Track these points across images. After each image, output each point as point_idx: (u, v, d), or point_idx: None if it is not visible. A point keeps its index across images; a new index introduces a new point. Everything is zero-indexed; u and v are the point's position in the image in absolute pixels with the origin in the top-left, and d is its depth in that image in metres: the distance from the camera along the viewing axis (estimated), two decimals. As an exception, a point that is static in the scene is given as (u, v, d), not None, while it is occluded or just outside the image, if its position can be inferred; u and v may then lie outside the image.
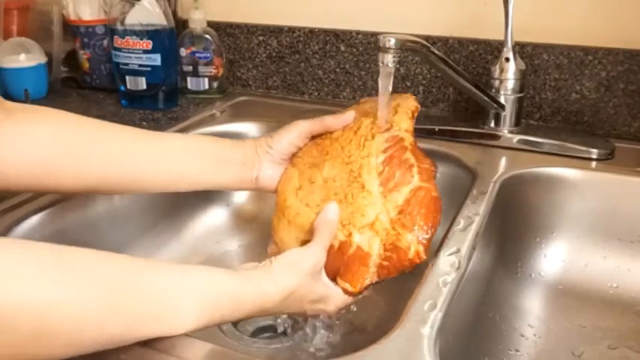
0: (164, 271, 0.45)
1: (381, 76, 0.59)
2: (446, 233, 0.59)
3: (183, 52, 1.00)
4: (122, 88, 0.97)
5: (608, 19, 0.83)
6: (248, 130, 0.91)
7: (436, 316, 0.47)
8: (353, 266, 0.54)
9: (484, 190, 0.68)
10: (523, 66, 0.79)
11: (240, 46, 1.06)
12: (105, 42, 1.02)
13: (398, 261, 0.53)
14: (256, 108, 1.00)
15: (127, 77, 0.95)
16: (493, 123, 0.82)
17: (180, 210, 0.84)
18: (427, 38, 0.87)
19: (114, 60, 0.95)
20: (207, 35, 0.99)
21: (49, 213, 0.65)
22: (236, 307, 0.47)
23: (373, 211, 0.54)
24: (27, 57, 0.98)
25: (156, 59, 0.93)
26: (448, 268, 0.53)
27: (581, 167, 0.74)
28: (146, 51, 0.93)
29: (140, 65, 0.94)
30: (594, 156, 0.76)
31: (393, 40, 0.59)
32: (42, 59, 1.00)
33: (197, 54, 1.00)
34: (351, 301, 0.57)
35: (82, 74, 1.07)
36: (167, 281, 0.44)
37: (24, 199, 0.65)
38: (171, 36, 0.95)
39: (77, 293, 0.38)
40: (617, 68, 0.83)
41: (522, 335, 0.66)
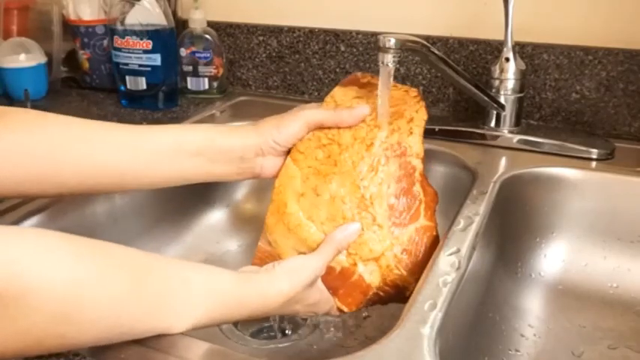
0: (176, 266, 0.46)
1: (381, 76, 0.59)
2: (446, 233, 0.59)
3: (183, 52, 1.00)
4: (122, 88, 0.97)
5: (608, 19, 0.83)
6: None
7: (436, 316, 0.47)
8: (353, 292, 0.56)
9: (484, 190, 0.68)
10: (523, 66, 0.79)
11: (240, 46, 1.06)
12: (105, 42, 1.02)
13: (395, 295, 0.57)
14: (256, 108, 1.00)
15: (127, 77, 0.95)
16: (493, 123, 0.82)
17: (180, 210, 0.84)
18: (427, 38, 0.87)
19: (114, 60, 0.95)
20: (207, 35, 0.99)
21: (49, 213, 0.65)
22: (238, 309, 0.48)
23: (380, 247, 0.55)
24: (27, 57, 0.98)
25: (156, 59, 0.93)
26: (448, 268, 0.53)
27: (581, 167, 0.74)
28: (146, 51, 0.93)
29: (140, 65, 0.94)
30: (594, 156, 0.76)
31: (393, 40, 0.59)
32: (42, 59, 1.00)
33: (197, 54, 1.00)
34: (338, 314, 0.58)
35: (82, 74, 1.07)
36: (179, 276, 0.45)
37: (24, 199, 0.65)
38: (171, 36, 0.95)
39: (101, 278, 0.39)
40: (617, 68, 0.83)
41: (522, 335, 0.66)
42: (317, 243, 0.56)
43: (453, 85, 0.92)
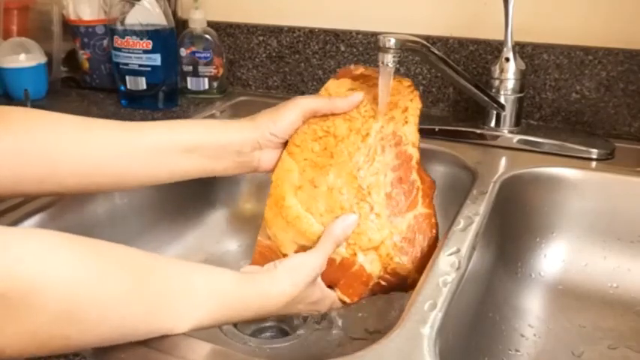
0: (178, 267, 0.46)
1: (381, 76, 0.59)
2: (446, 233, 0.59)
3: (183, 52, 1.00)
4: (122, 88, 0.97)
5: (608, 19, 0.83)
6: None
7: (436, 316, 0.47)
8: (354, 283, 0.56)
9: (484, 190, 0.68)
10: (523, 66, 0.79)
11: (240, 46, 1.06)
12: (105, 42, 1.02)
13: (396, 284, 0.57)
14: (256, 108, 0.98)
15: (127, 77, 0.95)
16: (493, 123, 0.82)
17: (180, 210, 0.84)
18: (427, 38, 0.87)
19: (114, 60, 0.95)
20: (207, 35, 0.99)
21: (49, 213, 0.65)
22: (240, 310, 0.48)
23: (379, 236, 0.55)
24: (27, 57, 0.98)
25: (156, 59, 0.93)
26: (448, 268, 0.53)
27: (581, 167, 0.74)
28: (146, 51, 0.93)
29: (140, 65, 0.94)
30: (594, 156, 0.76)
31: (393, 40, 0.59)
32: (42, 59, 1.00)
33: (197, 54, 1.00)
34: (341, 305, 0.58)
35: (82, 74, 1.07)
36: (181, 277, 0.45)
37: (24, 199, 0.65)
38: (171, 36, 0.95)
39: (104, 278, 0.40)
40: (617, 68, 0.83)
41: (522, 335, 0.66)
42: (316, 235, 0.55)
43: (453, 85, 0.92)
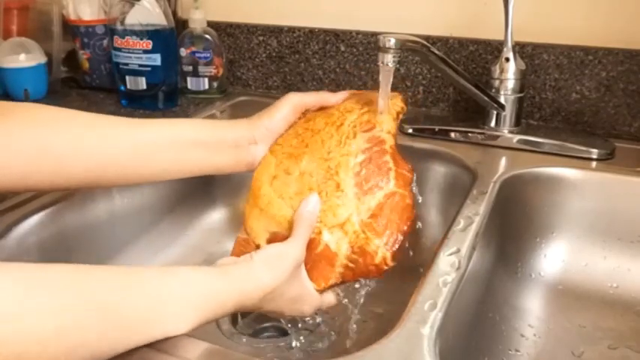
0: (143, 279, 0.43)
1: (381, 76, 0.59)
2: (446, 233, 0.59)
3: (183, 52, 1.00)
4: (122, 88, 0.97)
5: (608, 19, 0.83)
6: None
7: (436, 316, 0.47)
8: (319, 265, 0.53)
9: (484, 190, 0.68)
10: (523, 66, 0.79)
11: (240, 46, 1.06)
12: (105, 42, 1.02)
13: (364, 265, 0.53)
14: (256, 108, 0.98)
15: (127, 77, 0.95)
16: (493, 123, 0.82)
17: (180, 210, 0.84)
18: (427, 38, 0.87)
19: (114, 60, 0.95)
20: (207, 35, 0.99)
21: (49, 213, 0.65)
22: (217, 307, 0.46)
23: (345, 212, 0.53)
24: (27, 57, 0.98)
25: (156, 59, 0.93)
26: (448, 268, 0.53)
27: (581, 167, 0.74)
28: (146, 51, 0.93)
29: (140, 65, 0.94)
30: (594, 156, 0.76)
31: (393, 40, 0.59)
32: (42, 59, 1.00)
33: (197, 54, 1.00)
34: (327, 305, 0.56)
35: (82, 74, 1.06)
36: (148, 290, 0.43)
37: (24, 199, 0.65)
38: (171, 36, 0.95)
39: (54, 307, 0.38)
40: (617, 68, 0.83)
41: (522, 335, 0.66)
42: (285, 218, 0.55)
43: (453, 85, 0.92)
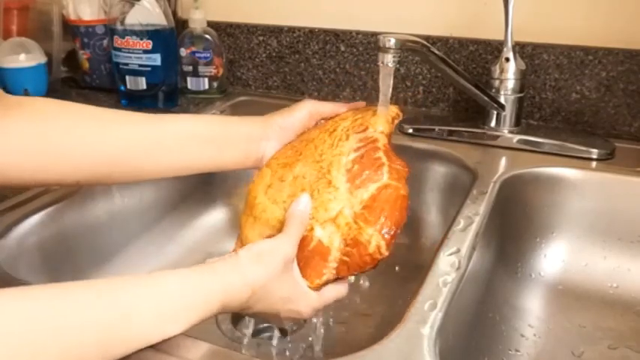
0: (116, 292, 0.41)
1: (381, 76, 0.59)
2: (446, 233, 0.59)
3: (183, 52, 1.00)
4: (122, 88, 0.97)
5: (608, 19, 0.83)
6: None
7: (436, 316, 0.47)
8: (312, 261, 0.52)
9: (484, 190, 0.68)
10: (523, 66, 0.79)
11: (240, 46, 1.06)
12: (105, 42, 1.02)
13: (358, 256, 0.51)
14: (256, 108, 1.00)
15: (127, 77, 0.95)
16: (493, 123, 0.82)
17: (180, 210, 0.84)
18: (427, 38, 0.87)
19: (114, 60, 0.95)
20: (207, 35, 0.99)
21: (49, 213, 0.65)
22: (204, 308, 0.44)
23: (337, 206, 0.52)
24: (27, 57, 0.98)
25: (156, 59, 0.93)
26: (448, 268, 0.53)
27: (581, 167, 0.74)
28: (146, 51, 0.93)
29: (140, 65, 0.94)
30: (594, 156, 0.76)
31: (393, 40, 0.59)
32: (42, 59, 1.00)
33: (197, 54, 1.00)
34: (327, 303, 0.53)
35: (82, 74, 1.07)
36: (118, 302, 0.41)
37: (24, 199, 0.65)
38: (171, 36, 0.95)
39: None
40: (617, 68, 0.83)
41: (522, 335, 0.66)
42: (278, 220, 0.54)
43: (453, 85, 0.92)
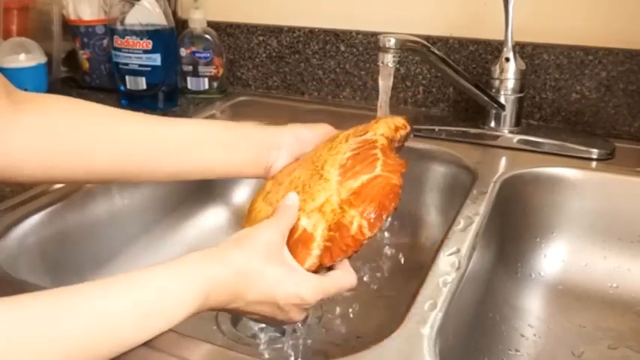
0: (89, 300, 0.40)
1: (381, 76, 0.59)
2: (446, 233, 0.59)
3: (183, 52, 1.00)
4: (122, 88, 0.97)
5: (608, 19, 0.83)
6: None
7: (436, 316, 0.47)
8: (296, 250, 0.50)
9: (484, 190, 0.68)
10: (523, 66, 0.79)
11: (240, 46, 1.06)
12: (105, 42, 1.02)
13: (340, 239, 0.49)
14: (256, 108, 1.00)
15: (127, 77, 0.95)
16: (493, 123, 0.82)
17: (180, 210, 0.84)
18: (427, 38, 0.87)
19: (114, 60, 0.95)
20: (207, 35, 1.00)
21: (49, 213, 0.65)
22: (184, 300, 0.42)
23: (324, 195, 0.51)
24: (27, 57, 0.98)
25: (156, 59, 0.93)
26: (448, 268, 0.53)
27: (581, 167, 0.74)
28: (146, 51, 0.93)
29: (140, 65, 0.94)
30: (594, 156, 0.76)
31: (393, 40, 0.59)
32: (42, 59, 1.00)
33: (197, 54, 1.00)
34: (333, 288, 0.49)
35: (82, 74, 1.07)
36: (94, 310, 0.39)
37: (24, 199, 0.65)
38: (171, 36, 0.95)
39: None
40: (617, 68, 0.83)
41: (522, 335, 0.66)
42: (269, 216, 0.53)
43: (453, 85, 0.92)
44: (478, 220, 0.61)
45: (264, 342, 0.68)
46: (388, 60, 0.59)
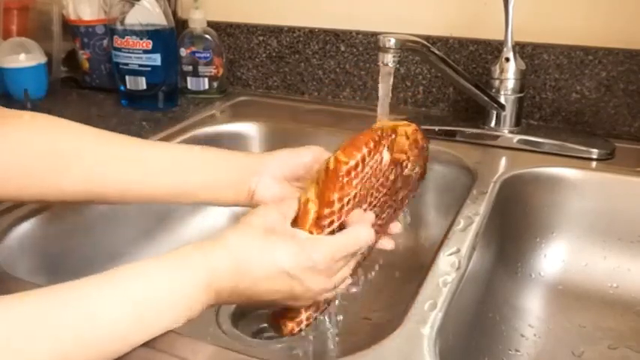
0: (86, 296, 0.40)
1: (381, 76, 0.59)
2: (446, 233, 0.59)
3: (183, 52, 1.00)
4: (122, 88, 0.97)
5: (608, 19, 0.83)
6: (248, 130, 0.91)
7: (436, 316, 0.47)
8: (297, 222, 0.48)
9: (484, 190, 0.68)
10: (523, 66, 0.79)
11: (240, 46, 1.06)
12: (105, 42, 1.02)
13: (326, 181, 0.47)
14: (256, 108, 1.00)
15: (127, 77, 0.95)
16: (493, 123, 0.82)
17: (179, 211, 0.84)
18: (427, 38, 0.87)
19: (114, 60, 0.95)
20: (207, 35, 0.99)
21: (48, 215, 0.65)
22: (178, 299, 0.42)
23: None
24: (27, 57, 0.98)
25: (156, 59, 0.93)
26: (448, 268, 0.53)
27: (581, 167, 0.74)
28: (146, 51, 0.93)
29: (140, 65, 0.94)
30: (594, 156, 0.76)
31: (393, 40, 0.59)
32: (42, 59, 1.00)
33: (197, 54, 1.00)
34: (346, 247, 0.46)
35: (82, 74, 1.07)
36: (89, 307, 0.39)
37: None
38: (171, 36, 0.95)
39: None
40: (617, 68, 0.83)
41: (522, 335, 0.66)
42: None
43: (453, 85, 0.92)
44: (478, 220, 0.61)
45: (264, 342, 0.68)
46: (388, 60, 0.59)
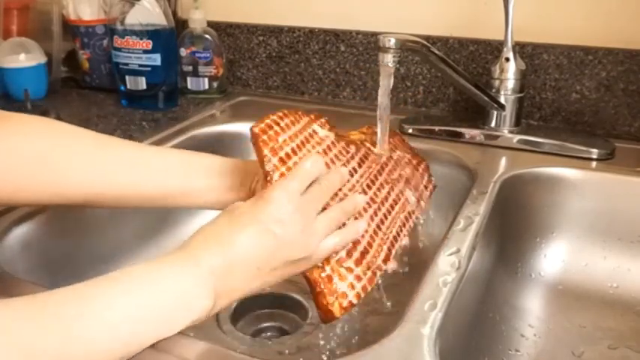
0: (86, 299, 0.40)
1: (381, 76, 0.59)
2: (446, 233, 0.59)
3: (183, 52, 1.00)
4: (122, 88, 0.97)
5: (608, 19, 0.83)
6: (248, 131, 0.90)
7: (436, 316, 0.47)
8: None
9: (484, 190, 0.68)
10: (523, 66, 0.79)
11: (240, 46, 1.06)
12: (105, 42, 1.02)
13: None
14: (256, 108, 1.00)
15: (127, 77, 0.95)
16: (493, 123, 0.82)
17: (179, 210, 0.84)
18: (427, 38, 0.87)
19: (114, 60, 0.95)
20: (207, 35, 0.99)
21: (50, 213, 0.65)
22: (191, 281, 0.43)
23: None
24: (27, 57, 0.98)
25: (156, 59, 0.93)
26: (448, 268, 0.53)
27: (581, 167, 0.74)
28: (146, 51, 0.93)
29: (140, 65, 0.94)
30: (594, 156, 0.76)
31: (393, 40, 0.59)
32: (42, 59, 1.00)
33: (197, 54, 1.00)
34: (301, 172, 0.48)
35: (82, 74, 1.07)
36: (90, 311, 0.39)
37: (24, 199, 0.65)
38: (171, 36, 0.95)
39: None
40: (617, 68, 0.83)
41: (522, 335, 0.66)
42: None
43: (453, 85, 0.92)
44: (478, 220, 0.61)
45: (264, 342, 0.68)
46: (388, 60, 0.59)
